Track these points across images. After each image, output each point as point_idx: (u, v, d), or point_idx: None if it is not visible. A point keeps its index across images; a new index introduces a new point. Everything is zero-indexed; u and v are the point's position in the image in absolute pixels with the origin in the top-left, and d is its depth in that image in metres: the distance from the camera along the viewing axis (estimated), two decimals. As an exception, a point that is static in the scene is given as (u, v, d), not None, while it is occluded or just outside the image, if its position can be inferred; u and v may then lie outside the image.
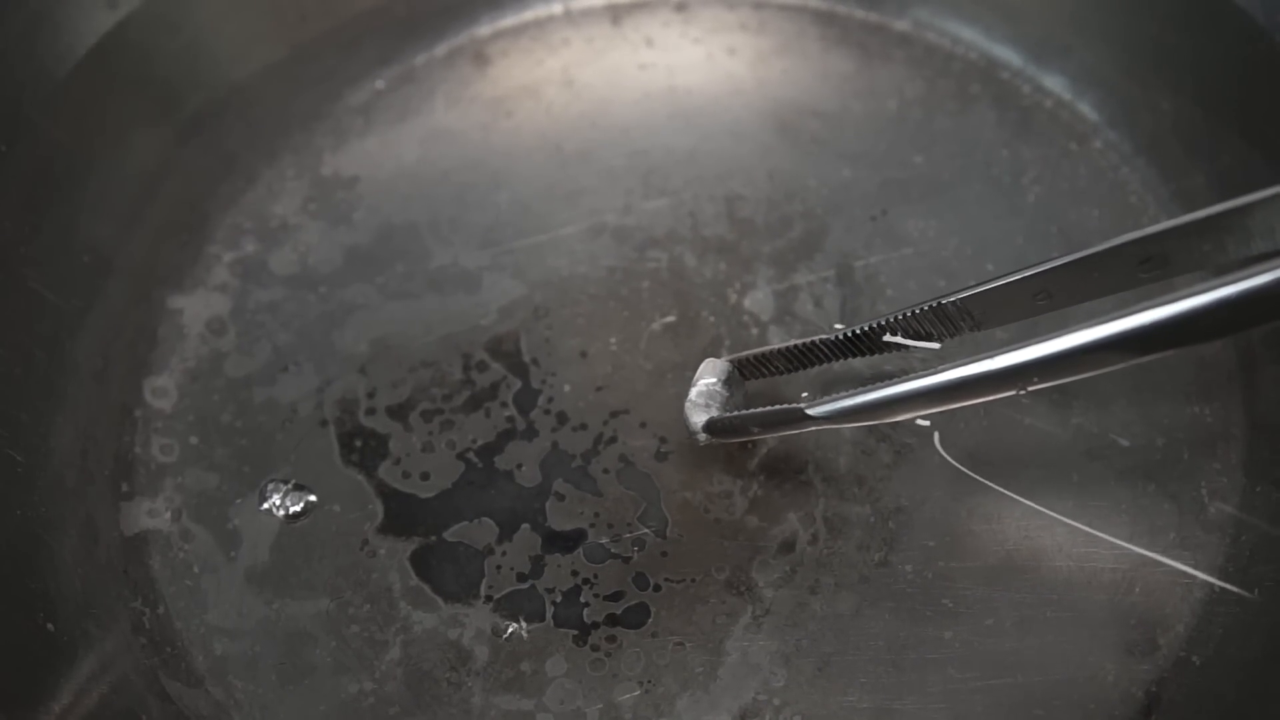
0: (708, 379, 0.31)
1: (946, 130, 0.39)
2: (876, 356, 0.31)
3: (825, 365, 0.31)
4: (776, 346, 0.31)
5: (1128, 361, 0.22)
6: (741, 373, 0.32)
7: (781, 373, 0.32)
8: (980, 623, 0.31)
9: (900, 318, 0.29)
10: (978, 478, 0.32)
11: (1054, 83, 0.40)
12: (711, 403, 0.31)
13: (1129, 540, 0.31)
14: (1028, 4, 0.40)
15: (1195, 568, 0.31)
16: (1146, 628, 0.30)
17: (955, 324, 0.29)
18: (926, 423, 0.32)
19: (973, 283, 0.28)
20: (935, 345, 0.29)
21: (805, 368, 0.31)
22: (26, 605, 0.30)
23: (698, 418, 0.31)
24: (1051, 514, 0.32)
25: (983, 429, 0.33)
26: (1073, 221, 0.37)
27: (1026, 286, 0.27)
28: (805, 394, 0.33)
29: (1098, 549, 0.31)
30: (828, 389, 0.34)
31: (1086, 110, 0.39)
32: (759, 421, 0.29)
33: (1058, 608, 0.31)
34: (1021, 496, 0.32)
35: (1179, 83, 0.37)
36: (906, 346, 0.29)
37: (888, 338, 0.29)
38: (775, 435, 0.32)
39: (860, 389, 0.26)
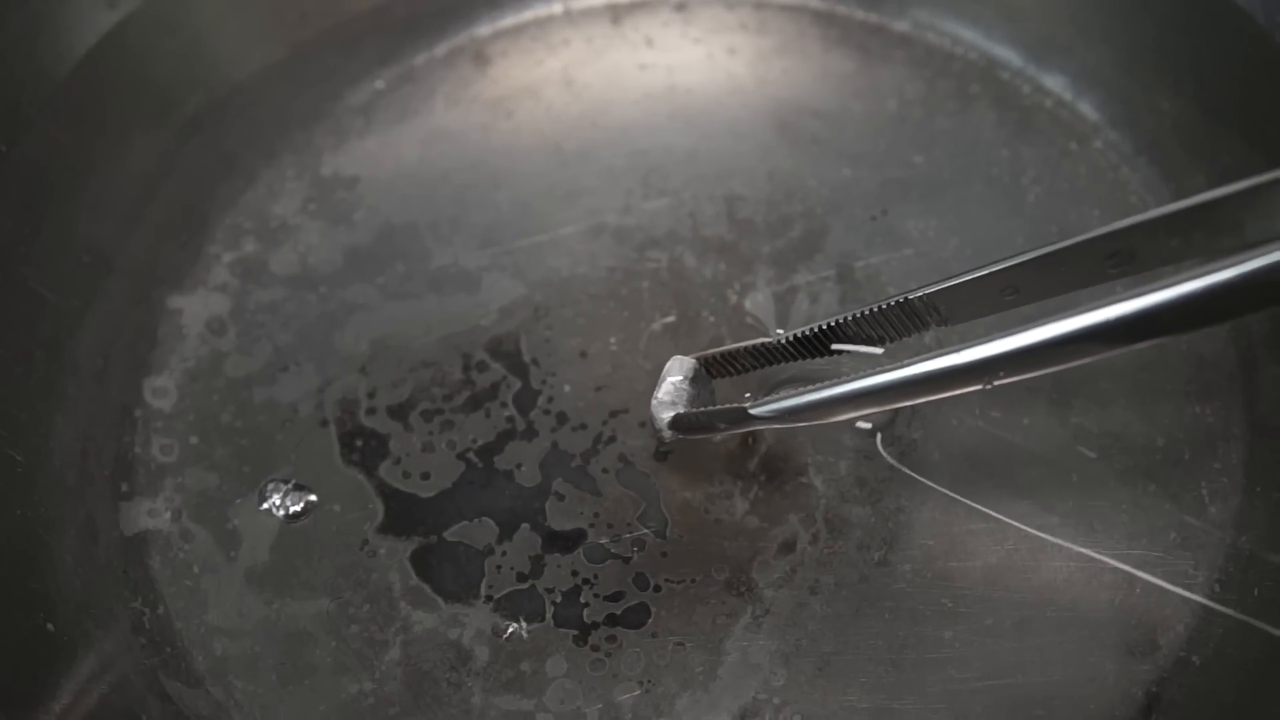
0: (674, 377, 0.32)
1: (946, 130, 0.39)
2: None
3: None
4: (742, 344, 0.31)
5: (1093, 356, 0.22)
6: (708, 370, 0.32)
7: (748, 370, 0.32)
8: (980, 623, 0.31)
9: (867, 313, 0.28)
10: (960, 498, 0.32)
11: (1054, 83, 0.40)
12: (678, 400, 0.31)
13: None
14: (1028, 4, 0.40)
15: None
16: (1146, 628, 0.30)
17: (922, 319, 0.28)
18: (868, 425, 0.32)
19: (939, 278, 0.27)
20: (878, 350, 0.29)
21: (771, 365, 0.31)
22: (26, 605, 0.30)
23: (664, 415, 0.31)
24: (1045, 534, 0.32)
25: (979, 429, 0.33)
26: (1073, 221, 0.37)
27: (994, 282, 0.26)
28: (747, 394, 0.33)
29: (1098, 549, 0.31)
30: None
31: (1086, 110, 0.39)
32: (723, 419, 0.29)
33: (1058, 608, 0.31)
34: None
35: (1179, 83, 0.37)
36: (849, 352, 0.29)
37: (836, 346, 0.29)
38: (740, 432, 0.32)
39: (826, 383, 0.26)
